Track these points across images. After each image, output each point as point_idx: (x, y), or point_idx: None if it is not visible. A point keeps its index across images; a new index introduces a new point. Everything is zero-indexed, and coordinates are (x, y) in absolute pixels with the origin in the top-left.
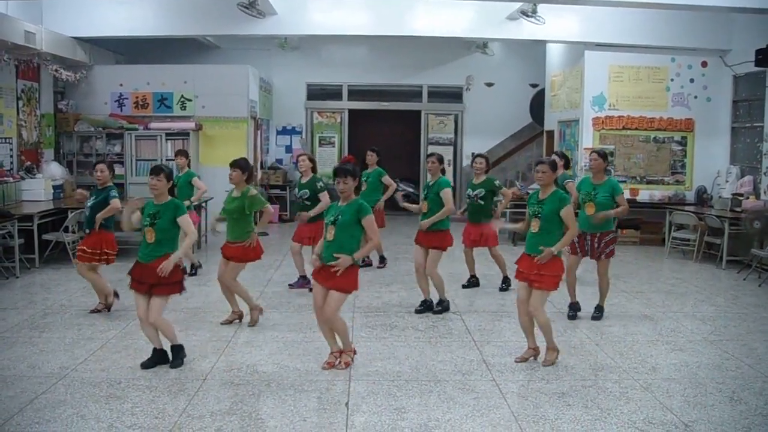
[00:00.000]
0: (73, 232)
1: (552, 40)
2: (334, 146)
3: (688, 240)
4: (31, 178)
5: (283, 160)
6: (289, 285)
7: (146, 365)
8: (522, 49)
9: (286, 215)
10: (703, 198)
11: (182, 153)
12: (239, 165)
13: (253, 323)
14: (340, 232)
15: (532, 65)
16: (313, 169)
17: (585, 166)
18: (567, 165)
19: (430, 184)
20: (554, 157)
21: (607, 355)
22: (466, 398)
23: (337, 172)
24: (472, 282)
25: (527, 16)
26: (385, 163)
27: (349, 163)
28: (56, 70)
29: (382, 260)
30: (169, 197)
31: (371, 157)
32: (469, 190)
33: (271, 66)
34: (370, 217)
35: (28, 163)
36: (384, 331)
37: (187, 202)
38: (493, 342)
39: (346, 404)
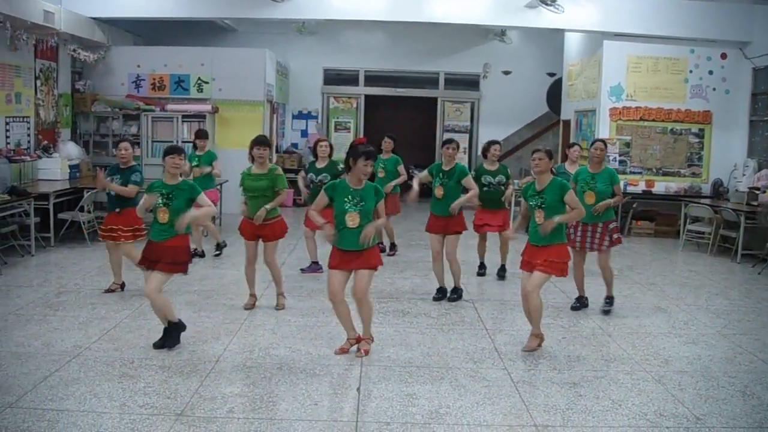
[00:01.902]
0: (89, 212)
1: (570, 29)
2: (349, 131)
3: (703, 233)
4: (48, 157)
5: (299, 145)
6: (302, 270)
7: (158, 345)
8: (540, 38)
9: (301, 200)
10: (719, 191)
11: (203, 134)
12: (268, 144)
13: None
14: (364, 218)
15: (549, 54)
16: (330, 155)
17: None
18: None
19: (446, 170)
20: (576, 147)
21: (619, 346)
22: (477, 386)
23: (369, 155)
24: (482, 271)
25: (546, 4)
26: (399, 150)
27: (369, 145)
28: (74, 51)
29: (393, 247)
30: (181, 178)
31: (388, 144)
32: (489, 177)
33: (288, 50)
34: (383, 202)
35: (45, 142)
36: (396, 317)
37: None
38: (505, 330)
39: (358, 389)
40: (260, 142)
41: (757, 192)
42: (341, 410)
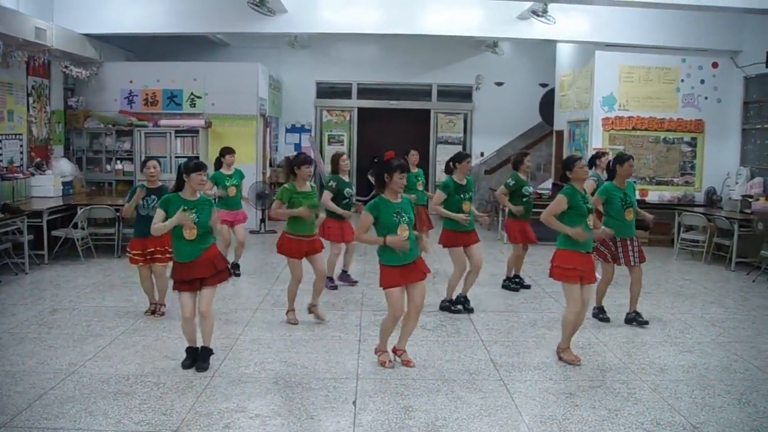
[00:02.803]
0: (83, 228)
1: (562, 39)
2: (342, 144)
3: (697, 241)
4: (41, 174)
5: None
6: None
7: (186, 365)
8: (532, 49)
9: None
10: (712, 199)
11: (230, 150)
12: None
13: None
14: (410, 229)
15: (541, 65)
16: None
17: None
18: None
19: (463, 184)
20: (607, 155)
21: (615, 355)
22: (474, 398)
23: (403, 168)
24: (520, 282)
25: (538, 15)
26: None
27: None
28: (66, 67)
29: None
30: (199, 194)
31: (415, 157)
32: (528, 188)
33: (280, 64)
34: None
35: (38, 159)
36: None
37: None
38: (500, 342)
39: (354, 403)
40: (310, 161)
41: (750, 200)
42: (337, 424)
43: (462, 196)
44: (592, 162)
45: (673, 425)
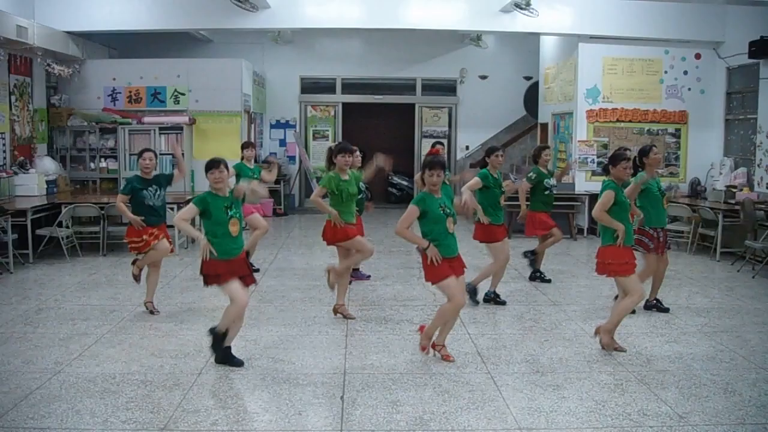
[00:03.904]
0: (67, 227)
1: (546, 32)
2: (327, 140)
3: (682, 232)
4: (24, 173)
5: (277, 154)
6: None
7: (220, 360)
8: (516, 42)
9: (281, 209)
10: (696, 190)
11: (251, 145)
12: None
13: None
14: (455, 222)
15: (525, 58)
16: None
17: (579, 158)
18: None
19: (497, 177)
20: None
21: (601, 347)
22: (461, 391)
23: (433, 165)
24: (541, 276)
25: (521, 8)
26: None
27: (440, 156)
28: (49, 65)
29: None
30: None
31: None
32: (549, 181)
33: (264, 60)
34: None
35: (21, 158)
36: (379, 324)
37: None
38: (487, 334)
39: (342, 398)
40: (347, 149)
41: (734, 190)
42: (325, 419)
43: (499, 190)
44: None
45: (660, 415)
